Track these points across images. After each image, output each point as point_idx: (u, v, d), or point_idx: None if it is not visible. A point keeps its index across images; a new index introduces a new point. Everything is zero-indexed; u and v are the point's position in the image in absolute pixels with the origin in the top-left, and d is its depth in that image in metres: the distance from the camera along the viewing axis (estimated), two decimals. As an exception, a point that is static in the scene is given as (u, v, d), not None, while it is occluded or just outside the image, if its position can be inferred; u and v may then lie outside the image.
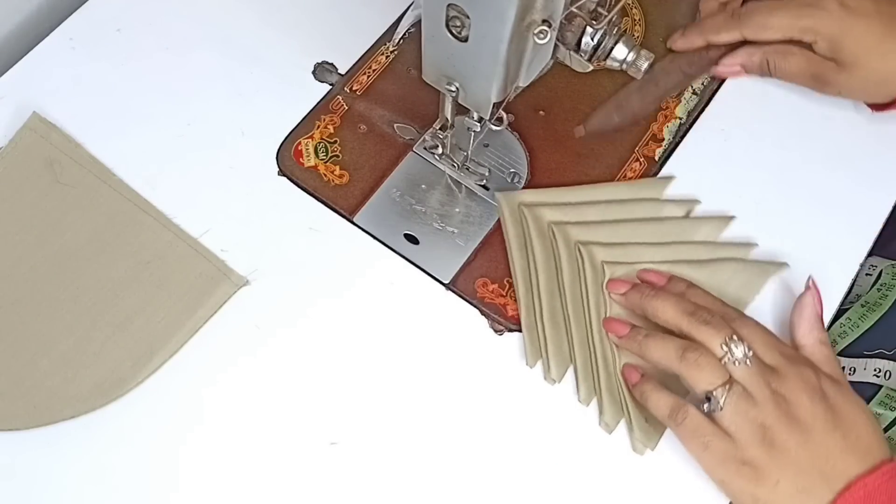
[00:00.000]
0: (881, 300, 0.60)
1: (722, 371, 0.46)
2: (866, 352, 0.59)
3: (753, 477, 0.45)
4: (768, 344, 0.48)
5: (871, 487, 0.44)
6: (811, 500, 0.45)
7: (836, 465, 0.45)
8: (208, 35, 0.62)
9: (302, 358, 0.53)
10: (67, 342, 0.52)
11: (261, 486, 0.50)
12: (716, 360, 0.47)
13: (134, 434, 0.51)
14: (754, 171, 0.58)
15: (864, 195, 0.58)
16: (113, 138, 0.58)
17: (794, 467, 0.45)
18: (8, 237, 0.55)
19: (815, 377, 0.46)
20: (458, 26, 0.42)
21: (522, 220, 0.56)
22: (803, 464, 0.45)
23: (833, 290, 0.55)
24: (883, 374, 0.57)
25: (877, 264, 0.62)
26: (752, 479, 0.45)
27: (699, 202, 0.57)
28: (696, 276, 0.53)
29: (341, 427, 0.51)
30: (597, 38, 0.44)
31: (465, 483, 0.51)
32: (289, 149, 0.59)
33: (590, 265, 0.54)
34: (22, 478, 0.50)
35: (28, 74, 0.60)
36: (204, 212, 0.56)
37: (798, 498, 0.45)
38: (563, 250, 0.55)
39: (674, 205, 0.57)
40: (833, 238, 0.57)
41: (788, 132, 0.60)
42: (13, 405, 0.51)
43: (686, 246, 0.55)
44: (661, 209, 0.57)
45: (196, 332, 0.53)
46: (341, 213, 0.57)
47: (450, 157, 0.57)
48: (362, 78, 0.61)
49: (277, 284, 0.55)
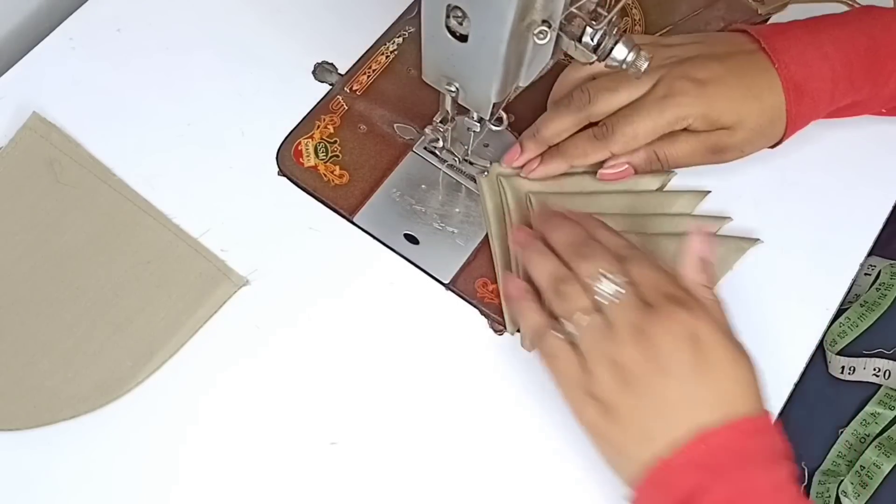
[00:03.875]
0: (880, 300, 0.60)
1: (588, 302, 0.45)
2: (865, 351, 0.59)
3: (603, 412, 0.44)
4: (653, 283, 0.45)
5: (714, 442, 0.42)
6: (653, 445, 0.43)
7: (685, 415, 0.43)
8: (208, 35, 0.62)
9: (302, 358, 0.53)
10: (67, 342, 0.52)
11: (261, 485, 0.50)
12: (584, 290, 0.45)
13: (134, 434, 0.51)
14: (754, 170, 0.58)
15: (864, 195, 0.58)
16: (113, 138, 0.58)
17: (641, 410, 0.43)
18: (8, 237, 0.55)
19: (691, 320, 0.43)
20: (459, 26, 0.42)
21: (500, 191, 0.56)
22: (651, 408, 0.43)
23: (833, 289, 0.56)
24: (882, 374, 0.57)
25: (875, 264, 0.62)
26: (602, 413, 0.44)
27: (675, 173, 0.57)
28: (672, 248, 0.54)
29: (341, 427, 0.52)
30: (597, 38, 0.44)
31: (465, 483, 0.51)
32: (289, 149, 0.59)
33: None
34: (22, 478, 0.50)
35: (28, 74, 0.60)
36: (204, 212, 0.56)
37: (641, 443, 0.43)
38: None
39: (649, 177, 0.57)
40: (833, 238, 0.57)
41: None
42: (13, 405, 0.51)
43: (661, 218, 0.56)
44: (637, 182, 0.57)
45: (196, 332, 0.53)
46: (341, 213, 0.57)
47: (450, 150, 0.57)
48: (362, 78, 0.61)
49: (277, 284, 0.55)
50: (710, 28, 0.63)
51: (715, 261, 0.48)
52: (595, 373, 0.44)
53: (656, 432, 0.43)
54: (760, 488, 0.42)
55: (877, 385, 0.58)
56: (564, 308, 0.46)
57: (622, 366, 0.44)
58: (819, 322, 0.55)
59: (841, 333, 0.60)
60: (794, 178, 0.59)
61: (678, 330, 0.43)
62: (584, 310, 0.45)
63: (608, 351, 0.44)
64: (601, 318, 0.45)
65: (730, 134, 0.53)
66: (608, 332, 0.44)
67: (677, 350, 0.43)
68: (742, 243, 0.56)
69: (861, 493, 0.55)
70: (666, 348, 0.43)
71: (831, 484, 0.57)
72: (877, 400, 0.57)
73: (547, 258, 0.48)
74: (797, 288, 0.55)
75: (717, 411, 0.43)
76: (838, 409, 0.59)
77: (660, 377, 0.43)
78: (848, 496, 0.55)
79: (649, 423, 0.43)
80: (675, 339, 0.43)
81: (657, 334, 0.43)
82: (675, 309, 0.44)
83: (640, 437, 0.43)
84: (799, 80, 0.52)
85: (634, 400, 0.43)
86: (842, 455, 0.58)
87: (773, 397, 0.53)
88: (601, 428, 0.45)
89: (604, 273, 0.45)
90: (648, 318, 0.44)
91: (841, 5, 0.64)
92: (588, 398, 0.45)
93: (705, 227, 0.49)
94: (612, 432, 0.44)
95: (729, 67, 0.52)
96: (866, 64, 0.52)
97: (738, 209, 0.57)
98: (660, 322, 0.43)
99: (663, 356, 0.43)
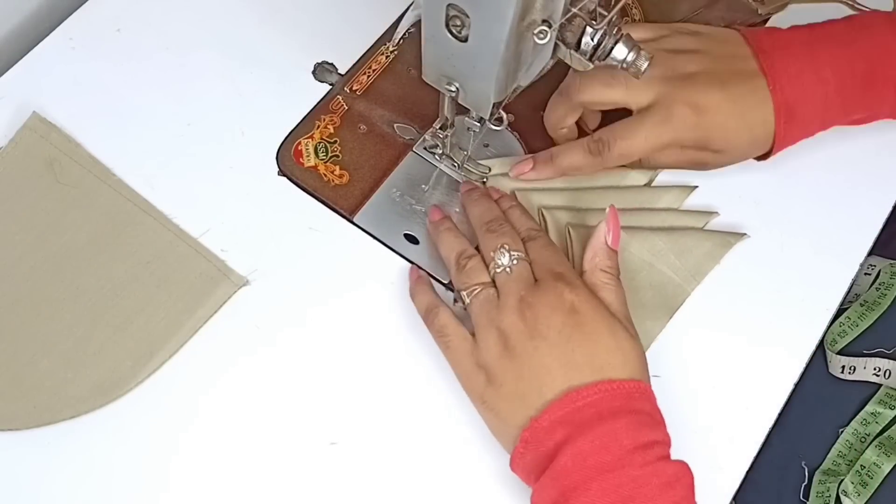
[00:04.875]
0: (880, 299, 0.60)
1: (482, 274, 0.50)
2: (866, 351, 0.59)
3: (485, 379, 0.47)
4: (546, 263, 0.49)
5: (581, 401, 0.44)
6: (527, 407, 0.46)
7: (556, 378, 0.45)
8: (208, 35, 0.62)
9: (302, 358, 0.53)
10: (67, 342, 0.52)
11: (261, 485, 0.50)
12: (481, 264, 0.50)
13: (134, 434, 0.51)
14: (754, 170, 0.58)
15: (864, 195, 0.58)
16: (113, 138, 0.58)
17: (517, 373, 0.46)
18: (8, 237, 0.55)
19: (571, 295, 0.47)
20: (458, 26, 0.42)
21: None
22: (526, 371, 0.46)
23: (833, 289, 0.56)
24: (882, 373, 0.57)
25: (875, 264, 0.62)
26: (486, 382, 0.47)
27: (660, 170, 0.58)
28: (659, 242, 0.55)
29: (341, 427, 0.52)
30: (597, 38, 0.44)
31: (465, 483, 0.51)
32: (289, 149, 0.59)
33: (554, 229, 0.55)
34: (22, 478, 0.50)
35: (28, 74, 0.60)
36: (204, 212, 0.56)
37: (515, 403, 0.46)
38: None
39: (637, 173, 0.58)
40: (833, 238, 0.57)
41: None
42: (13, 405, 0.51)
43: (648, 213, 0.56)
44: (625, 178, 0.57)
45: (196, 332, 0.53)
46: (341, 213, 0.57)
47: (450, 156, 0.57)
48: (362, 78, 0.61)
49: (277, 284, 0.55)
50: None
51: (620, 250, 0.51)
52: (480, 341, 0.48)
53: (531, 395, 0.46)
54: (623, 444, 0.44)
55: (877, 384, 0.58)
56: (464, 281, 0.50)
57: (504, 332, 0.47)
58: (819, 322, 0.55)
59: (841, 333, 0.60)
60: (794, 177, 0.59)
61: (557, 302, 0.47)
62: (482, 284, 0.49)
63: (494, 319, 0.48)
64: (493, 291, 0.49)
65: (715, 157, 0.54)
66: (496, 303, 0.48)
67: (553, 317, 0.46)
68: (729, 238, 0.56)
69: (861, 493, 0.55)
70: (543, 315, 0.46)
71: (832, 483, 0.57)
72: (877, 399, 0.58)
73: (454, 235, 0.53)
74: (797, 287, 0.55)
75: (587, 375, 0.45)
76: (838, 408, 0.59)
77: (535, 341, 0.46)
78: (848, 496, 0.55)
79: (525, 387, 0.46)
80: (552, 308, 0.47)
81: (537, 304, 0.47)
82: (558, 284, 0.47)
83: (516, 400, 0.46)
84: (791, 104, 0.52)
85: (513, 364, 0.46)
86: (842, 455, 0.58)
87: (773, 397, 0.53)
88: (486, 395, 0.47)
89: (504, 245, 0.49)
90: (533, 290, 0.47)
91: (841, 6, 0.64)
92: (476, 368, 0.48)
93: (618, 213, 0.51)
94: (494, 398, 0.47)
95: (729, 95, 0.52)
96: (861, 90, 0.53)
97: (738, 209, 0.57)
98: (542, 293, 0.47)
99: (540, 322, 0.46)
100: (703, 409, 0.53)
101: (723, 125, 0.52)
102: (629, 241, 0.54)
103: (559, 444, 0.44)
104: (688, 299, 0.55)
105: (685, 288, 0.55)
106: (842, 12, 0.63)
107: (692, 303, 0.55)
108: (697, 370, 0.54)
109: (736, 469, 0.52)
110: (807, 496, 0.58)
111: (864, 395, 0.58)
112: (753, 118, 0.52)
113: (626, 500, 0.43)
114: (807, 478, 0.58)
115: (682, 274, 0.55)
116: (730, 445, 0.52)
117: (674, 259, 0.55)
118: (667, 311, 0.54)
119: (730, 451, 0.52)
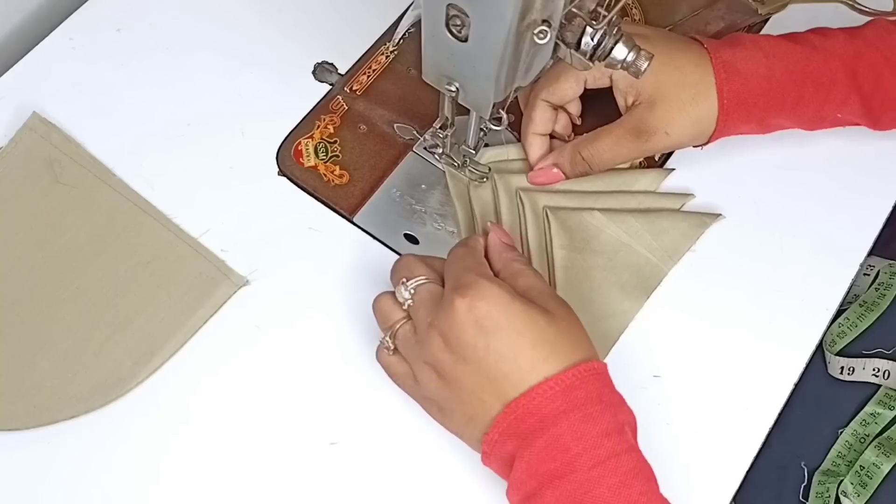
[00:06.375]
0: (879, 300, 0.60)
1: (401, 313, 0.48)
2: (865, 351, 0.59)
3: (437, 409, 0.47)
4: (449, 275, 0.47)
5: (519, 411, 0.43)
6: (475, 427, 0.45)
7: (492, 392, 0.44)
8: (208, 35, 0.62)
9: (302, 358, 0.53)
10: (67, 342, 0.52)
11: (261, 485, 0.50)
12: (393, 302, 0.48)
13: (134, 434, 0.51)
14: (754, 170, 0.58)
15: (864, 195, 0.58)
16: (113, 138, 0.58)
17: (458, 397, 0.45)
18: (8, 237, 0.55)
19: (470, 304, 0.44)
20: (458, 26, 0.42)
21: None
22: (466, 394, 0.45)
23: (832, 290, 0.56)
24: (882, 374, 0.57)
25: (874, 264, 0.62)
26: (437, 411, 0.47)
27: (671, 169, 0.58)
28: (637, 224, 0.55)
29: (341, 427, 0.52)
30: (597, 38, 0.44)
31: (465, 482, 0.51)
32: (289, 149, 0.59)
33: (531, 211, 0.55)
34: (22, 478, 0.50)
35: (28, 74, 0.60)
36: (204, 212, 0.56)
37: (467, 426, 0.46)
38: (503, 196, 0.56)
39: (650, 176, 0.58)
40: (833, 238, 0.57)
41: (789, 131, 0.60)
42: (13, 405, 0.51)
43: (625, 195, 0.57)
44: (635, 182, 0.58)
45: (196, 332, 0.53)
46: (341, 213, 0.57)
47: (450, 156, 0.57)
48: (362, 78, 0.61)
49: (277, 284, 0.55)
50: (710, 28, 0.63)
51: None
52: (419, 376, 0.47)
53: (477, 415, 0.45)
54: (569, 449, 0.42)
55: (876, 385, 0.58)
56: (385, 326, 0.48)
57: (432, 364, 0.46)
58: (819, 322, 0.55)
59: (840, 334, 0.60)
60: (794, 178, 0.59)
61: (461, 317, 0.44)
62: (399, 321, 0.48)
63: (419, 354, 0.46)
64: (410, 325, 0.47)
65: (649, 108, 0.53)
66: (415, 337, 0.47)
67: (463, 335, 0.44)
68: (704, 218, 0.57)
69: (861, 493, 0.55)
70: (453, 335, 0.44)
71: (831, 484, 0.57)
72: (876, 400, 0.58)
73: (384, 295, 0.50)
74: (797, 288, 0.55)
75: (517, 382, 0.43)
76: (838, 409, 0.59)
77: (459, 365, 0.44)
78: (848, 496, 0.55)
79: (470, 409, 0.45)
80: (459, 326, 0.44)
81: (443, 326, 0.45)
82: (455, 298, 0.44)
83: (468, 423, 0.46)
84: (727, 59, 0.52)
85: (451, 392, 0.45)
86: (841, 455, 0.58)
87: (772, 398, 0.53)
88: (444, 423, 0.47)
89: (402, 280, 0.47)
90: (437, 313, 0.45)
91: (841, 6, 0.64)
92: (425, 400, 0.48)
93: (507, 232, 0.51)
94: (450, 424, 0.47)
95: (669, 50, 0.52)
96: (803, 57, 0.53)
97: (737, 209, 0.57)
98: (444, 315, 0.45)
99: (453, 344, 0.44)
100: (703, 409, 0.53)
101: (675, 81, 0.52)
102: (606, 223, 0.55)
103: (511, 456, 0.44)
104: (687, 299, 0.55)
105: (662, 268, 0.55)
106: (841, 12, 0.63)
107: (692, 303, 0.55)
108: (697, 370, 0.54)
109: (736, 469, 0.51)
110: (806, 497, 0.58)
111: (864, 395, 0.58)
112: (682, 60, 0.52)
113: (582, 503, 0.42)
114: (806, 478, 0.59)
115: (659, 254, 0.55)
116: (730, 445, 0.52)
117: (650, 240, 0.55)
118: (644, 292, 0.55)
119: (730, 451, 0.52)
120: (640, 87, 0.53)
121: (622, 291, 0.54)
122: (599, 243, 0.55)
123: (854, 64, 0.53)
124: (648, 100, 0.53)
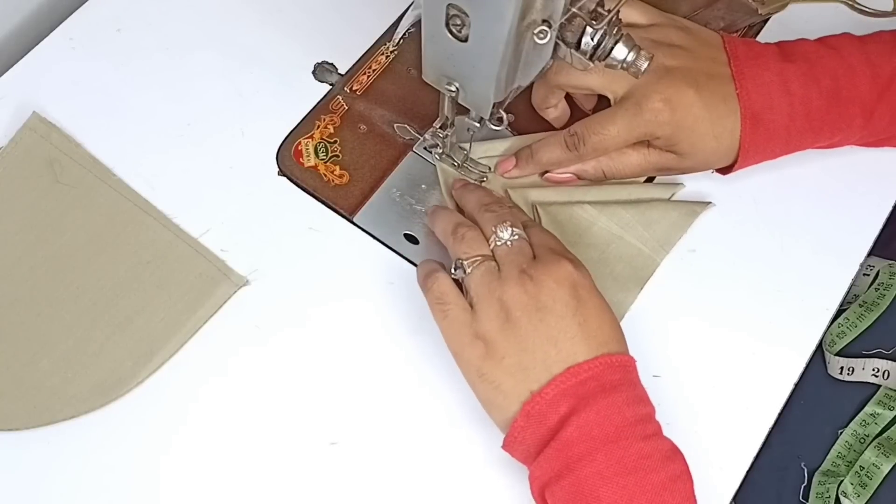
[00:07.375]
0: (879, 300, 0.60)
1: (483, 246, 0.49)
2: (865, 352, 0.59)
3: (483, 351, 0.46)
4: (545, 243, 0.49)
5: (584, 374, 0.45)
6: (526, 379, 0.45)
7: (560, 350, 0.45)
8: (208, 35, 0.62)
9: (302, 358, 0.53)
10: (67, 342, 0.52)
11: (261, 485, 0.50)
12: (481, 236, 0.49)
13: (134, 434, 0.51)
14: (754, 170, 0.58)
15: (864, 196, 0.58)
16: (113, 138, 0.58)
17: (520, 345, 0.45)
18: (8, 237, 0.55)
19: (573, 270, 0.47)
20: (458, 26, 0.42)
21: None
22: (530, 343, 0.45)
23: (832, 290, 0.56)
24: (881, 374, 0.57)
25: (874, 264, 0.62)
26: (483, 353, 0.46)
27: (683, 185, 0.58)
28: (628, 215, 0.55)
29: (341, 427, 0.52)
30: (597, 38, 0.44)
31: (465, 483, 0.51)
32: (289, 149, 0.59)
33: (522, 205, 0.56)
34: (22, 478, 0.50)
35: (28, 74, 0.60)
36: (204, 212, 0.56)
37: (517, 376, 0.45)
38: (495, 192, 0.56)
39: (661, 188, 0.58)
40: (832, 238, 0.57)
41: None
42: (13, 405, 0.51)
43: (615, 187, 0.57)
44: (647, 191, 0.58)
45: (196, 332, 0.53)
46: (341, 213, 0.57)
47: (450, 156, 0.57)
48: (362, 78, 0.61)
49: (277, 284, 0.55)
50: (710, 28, 0.63)
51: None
52: (480, 312, 0.47)
53: (534, 367, 0.45)
54: (625, 416, 0.44)
55: (876, 385, 0.58)
56: (464, 251, 0.49)
57: (506, 304, 0.46)
58: (819, 322, 0.55)
59: (840, 334, 0.60)
60: (794, 178, 0.59)
61: (561, 275, 0.46)
62: (482, 256, 0.48)
63: (495, 290, 0.47)
64: (494, 264, 0.48)
65: (678, 160, 0.54)
66: (498, 274, 0.47)
67: (558, 290, 0.46)
68: (694, 207, 0.57)
69: (861, 494, 0.55)
70: (547, 287, 0.46)
71: (831, 484, 0.57)
72: (876, 400, 0.58)
73: (449, 212, 0.53)
74: (797, 288, 0.56)
75: (590, 349, 0.45)
76: (837, 409, 0.59)
77: (541, 313, 0.46)
78: (848, 496, 0.55)
79: (528, 359, 0.45)
80: (557, 281, 0.46)
81: (540, 277, 0.46)
82: (560, 258, 0.47)
83: (519, 373, 0.45)
84: (757, 111, 0.52)
85: (516, 337, 0.46)
86: (841, 455, 0.58)
87: (772, 398, 0.53)
88: (484, 368, 0.46)
89: (506, 221, 0.49)
90: (535, 264, 0.47)
91: (841, 6, 0.64)
92: (472, 339, 0.47)
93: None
94: (494, 371, 0.46)
95: (702, 97, 0.52)
96: (825, 107, 0.53)
97: (737, 208, 0.57)
98: (544, 267, 0.47)
99: (544, 295, 0.46)
100: (703, 409, 0.53)
101: (692, 127, 0.52)
102: (597, 216, 0.55)
103: (564, 417, 0.44)
104: (687, 299, 0.55)
105: (654, 259, 0.55)
106: (842, 12, 0.63)
107: (692, 303, 0.55)
108: (697, 370, 0.54)
109: (736, 469, 0.52)
110: (806, 497, 0.58)
111: (863, 396, 0.58)
112: (722, 126, 0.53)
113: (630, 471, 0.43)
114: (806, 479, 0.59)
115: (651, 245, 0.55)
116: (730, 446, 0.52)
117: (642, 230, 0.55)
118: (637, 283, 0.55)
119: (730, 451, 0.52)
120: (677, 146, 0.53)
121: (616, 283, 0.54)
122: (591, 236, 0.55)
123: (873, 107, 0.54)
124: (681, 153, 0.54)
